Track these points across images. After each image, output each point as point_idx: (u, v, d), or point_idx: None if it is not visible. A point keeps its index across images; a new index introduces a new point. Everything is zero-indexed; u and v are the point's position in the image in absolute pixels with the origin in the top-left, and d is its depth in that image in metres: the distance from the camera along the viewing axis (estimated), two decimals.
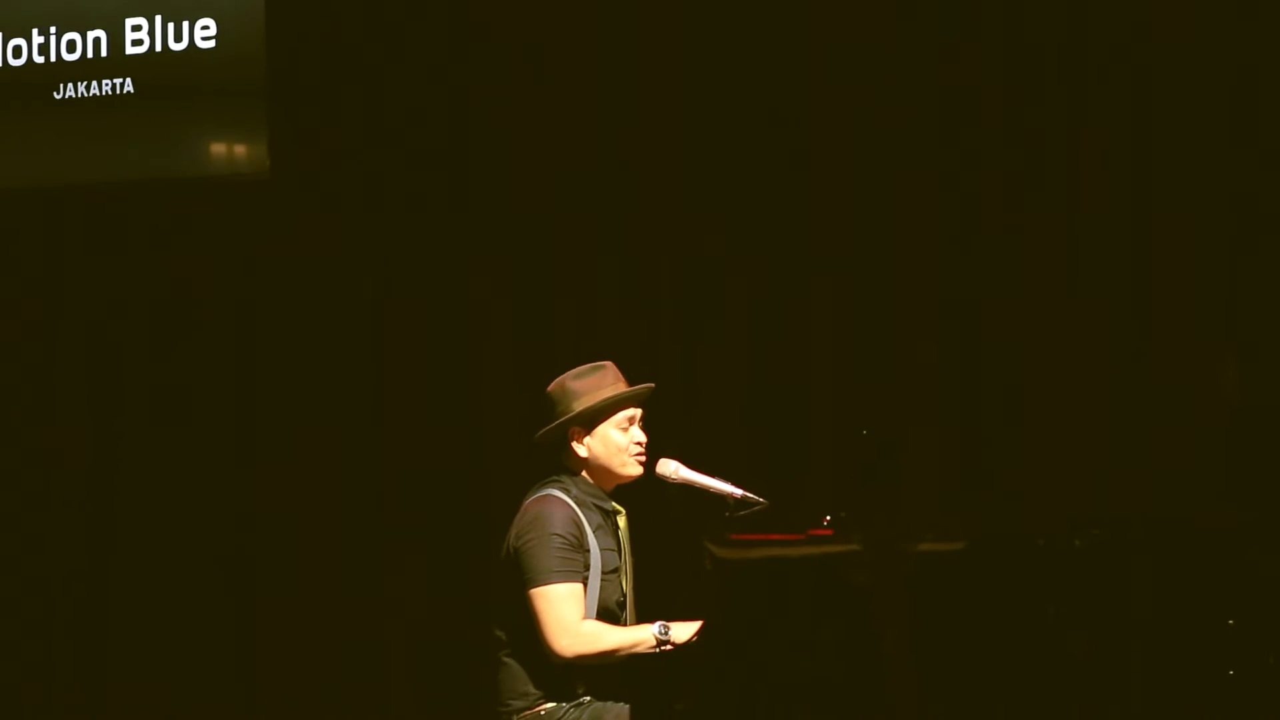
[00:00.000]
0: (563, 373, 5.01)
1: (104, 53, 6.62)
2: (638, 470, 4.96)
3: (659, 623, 4.73)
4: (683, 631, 4.64)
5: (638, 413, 4.97)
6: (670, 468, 4.96)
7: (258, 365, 6.62)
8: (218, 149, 6.56)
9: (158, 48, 6.57)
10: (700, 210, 6.29)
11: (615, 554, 4.88)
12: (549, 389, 4.98)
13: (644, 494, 5.05)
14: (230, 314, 6.64)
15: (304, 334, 6.54)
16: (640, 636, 4.70)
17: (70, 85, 6.64)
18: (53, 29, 6.67)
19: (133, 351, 6.70)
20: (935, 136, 6.08)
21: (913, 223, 6.09)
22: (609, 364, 5.01)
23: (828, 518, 4.50)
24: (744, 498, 4.86)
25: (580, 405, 4.91)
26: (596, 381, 4.94)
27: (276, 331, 6.59)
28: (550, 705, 4.77)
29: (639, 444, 4.95)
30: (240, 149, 6.54)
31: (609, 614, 4.82)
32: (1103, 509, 5.71)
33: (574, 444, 4.93)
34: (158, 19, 6.59)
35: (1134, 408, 5.81)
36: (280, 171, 6.49)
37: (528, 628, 4.76)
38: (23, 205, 6.79)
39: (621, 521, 4.95)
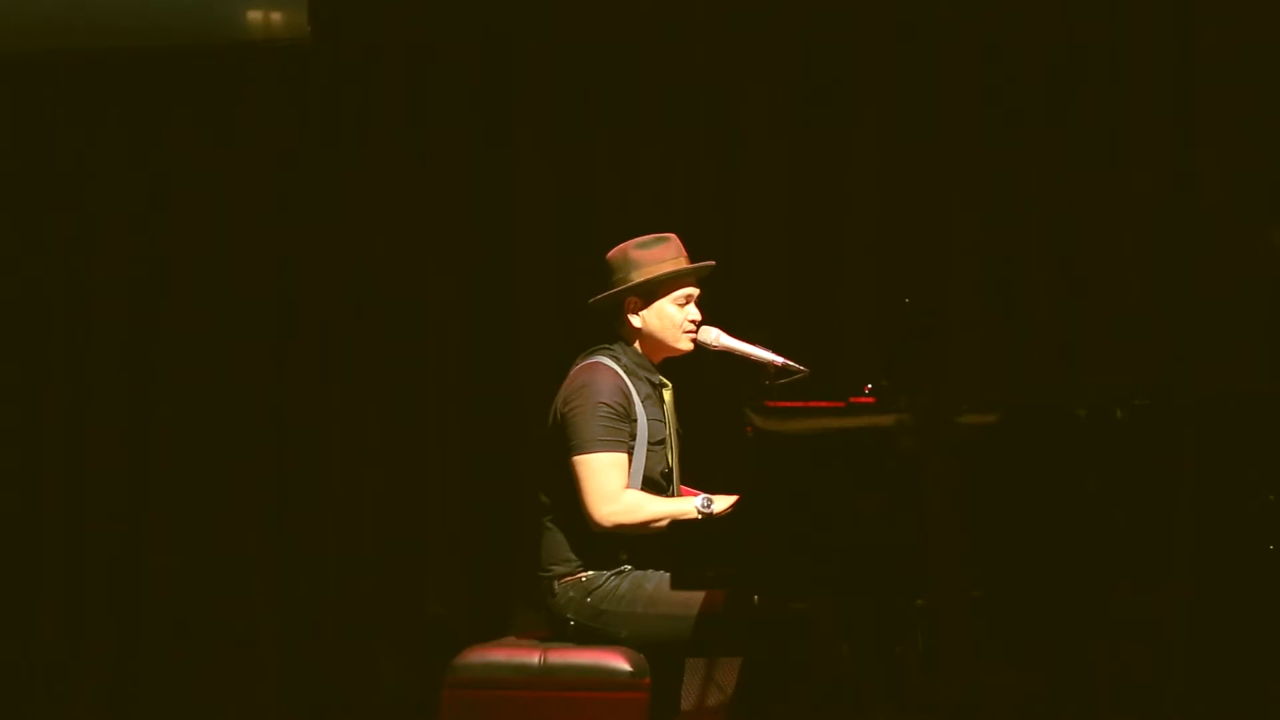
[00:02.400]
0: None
1: None
2: (689, 346, 4.95)
3: (702, 495, 4.75)
4: (726, 505, 4.63)
5: (696, 291, 4.96)
6: (711, 335, 4.96)
7: (297, 232, 6.60)
8: (255, 15, 6.52)
9: None
10: (741, 78, 6.23)
11: (661, 425, 4.89)
12: (610, 254, 4.96)
13: (686, 369, 5.05)
14: (269, 181, 6.62)
15: (343, 200, 6.52)
16: (682, 508, 4.71)
17: None
18: None
19: (176, 219, 6.70)
20: (979, 12, 6.03)
21: (955, 90, 6.05)
22: (673, 236, 4.98)
23: (869, 385, 4.51)
24: (785, 365, 4.86)
25: (640, 276, 4.89)
26: (659, 254, 4.92)
27: (315, 198, 6.57)
28: (592, 572, 4.81)
29: (693, 321, 4.94)
30: (279, 14, 6.49)
31: (654, 485, 4.84)
32: (1146, 380, 5.69)
33: (629, 314, 4.93)
34: None
35: (1179, 278, 5.78)
36: (320, 37, 6.44)
37: (572, 494, 4.78)
38: (56, 71, 6.76)
39: (667, 395, 4.95)
